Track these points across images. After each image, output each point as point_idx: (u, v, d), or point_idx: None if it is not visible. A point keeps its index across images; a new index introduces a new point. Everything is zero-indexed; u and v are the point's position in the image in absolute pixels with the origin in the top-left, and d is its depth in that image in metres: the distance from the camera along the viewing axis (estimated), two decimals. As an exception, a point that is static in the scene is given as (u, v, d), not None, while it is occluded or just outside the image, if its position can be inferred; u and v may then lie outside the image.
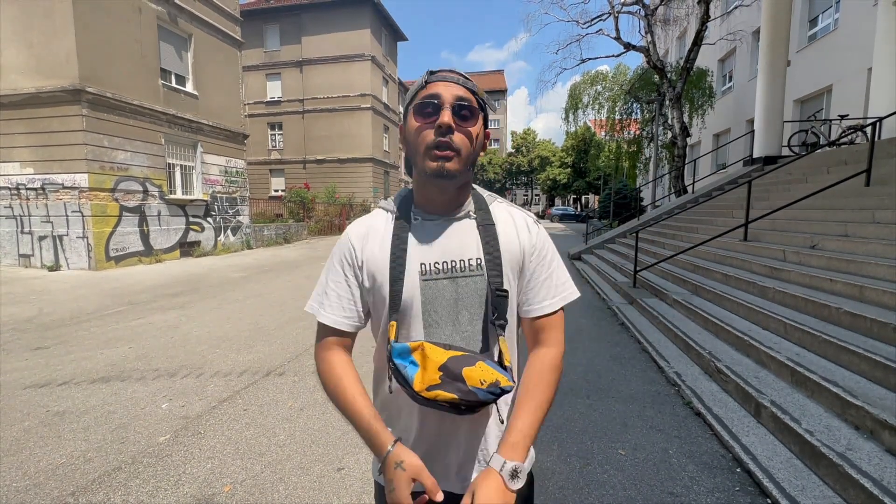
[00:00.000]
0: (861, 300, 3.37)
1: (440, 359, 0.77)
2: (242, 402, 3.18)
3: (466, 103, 0.80)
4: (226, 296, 6.94)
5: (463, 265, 0.85)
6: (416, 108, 0.81)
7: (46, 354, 4.18)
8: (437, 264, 0.84)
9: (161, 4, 11.23)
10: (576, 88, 20.73)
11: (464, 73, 0.84)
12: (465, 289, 0.84)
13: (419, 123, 0.81)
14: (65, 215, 9.56)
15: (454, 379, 0.75)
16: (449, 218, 0.87)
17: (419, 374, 0.76)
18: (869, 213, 4.72)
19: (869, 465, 1.98)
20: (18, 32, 9.30)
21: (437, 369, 0.76)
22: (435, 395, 0.74)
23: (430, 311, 0.84)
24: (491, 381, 0.75)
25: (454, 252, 0.85)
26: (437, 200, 0.86)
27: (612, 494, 2.17)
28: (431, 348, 0.78)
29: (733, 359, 3.43)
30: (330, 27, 25.02)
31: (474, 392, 0.74)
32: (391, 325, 0.82)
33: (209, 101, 12.90)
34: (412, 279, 0.83)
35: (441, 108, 0.79)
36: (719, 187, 10.66)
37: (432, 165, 0.79)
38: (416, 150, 0.81)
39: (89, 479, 2.27)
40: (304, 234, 18.46)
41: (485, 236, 0.86)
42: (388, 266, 0.84)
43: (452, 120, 0.78)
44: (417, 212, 0.88)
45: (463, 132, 0.80)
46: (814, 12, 12.31)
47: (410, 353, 0.79)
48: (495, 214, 0.90)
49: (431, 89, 0.80)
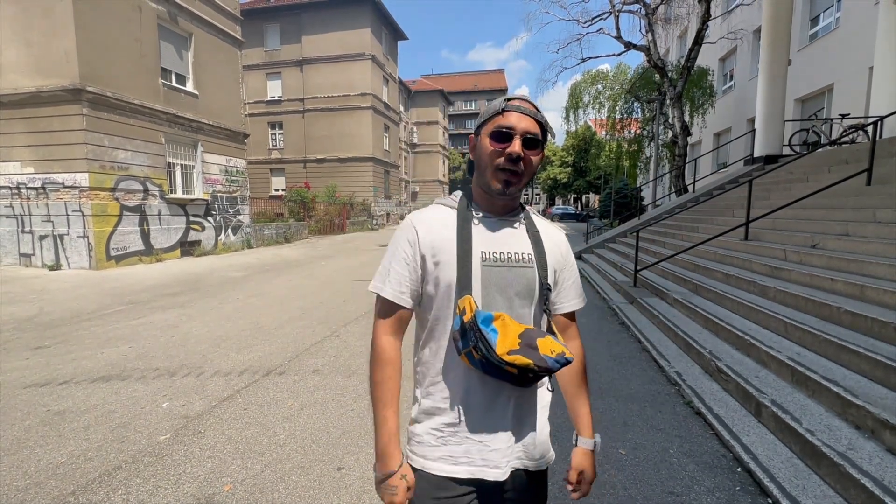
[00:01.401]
0: (862, 299, 3.37)
1: (518, 329, 0.87)
2: (242, 402, 3.18)
3: (535, 136, 0.92)
4: (226, 295, 6.94)
5: (517, 257, 0.96)
6: (492, 134, 0.93)
7: (47, 354, 4.19)
8: (495, 253, 0.95)
9: (161, 3, 11.22)
10: (576, 87, 20.71)
11: (535, 104, 0.95)
12: (518, 277, 0.95)
13: (493, 147, 0.92)
14: (65, 215, 9.57)
15: (530, 346, 0.84)
16: (504, 218, 1.00)
17: (500, 339, 0.84)
18: (870, 213, 4.71)
19: (870, 465, 1.98)
20: (18, 32, 9.30)
21: (517, 336, 0.85)
22: (514, 359, 0.82)
23: (488, 293, 0.93)
24: (559, 352, 0.85)
25: (510, 245, 0.97)
26: (496, 205, 0.99)
27: (613, 494, 2.17)
28: (510, 319, 0.88)
29: (734, 358, 3.43)
30: (330, 26, 25.02)
31: (545, 359, 0.83)
32: (466, 298, 0.89)
33: (209, 101, 12.90)
34: (475, 264, 0.93)
35: (513, 138, 0.90)
36: (720, 186, 10.65)
37: (499, 186, 0.93)
38: (487, 166, 0.94)
39: (90, 478, 2.27)
40: (304, 233, 18.46)
41: (533, 238, 1.00)
42: (454, 249, 0.94)
43: (522, 150, 0.90)
44: (477, 208, 1.00)
45: (528, 160, 0.92)
46: (815, 11, 12.28)
47: (493, 322, 0.86)
48: (538, 224, 1.04)
49: (508, 118, 0.91)
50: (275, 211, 19.17)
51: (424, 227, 0.97)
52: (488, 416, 0.94)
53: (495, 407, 0.94)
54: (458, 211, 1.00)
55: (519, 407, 0.96)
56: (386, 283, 0.97)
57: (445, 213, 1.00)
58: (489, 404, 0.94)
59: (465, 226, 0.96)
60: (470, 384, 0.93)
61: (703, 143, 19.32)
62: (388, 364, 0.96)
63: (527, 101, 0.94)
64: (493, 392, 0.93)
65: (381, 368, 0.96)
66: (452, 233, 0.96)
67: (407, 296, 0.97)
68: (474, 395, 0.94)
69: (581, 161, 41.11)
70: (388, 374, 0.95)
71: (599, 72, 20.78)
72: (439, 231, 0.96)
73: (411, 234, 0.97)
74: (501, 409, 0.94)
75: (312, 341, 4.62)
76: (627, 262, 8.18)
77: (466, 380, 0.93)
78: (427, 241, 0.96)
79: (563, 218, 38.49)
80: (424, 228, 0.97)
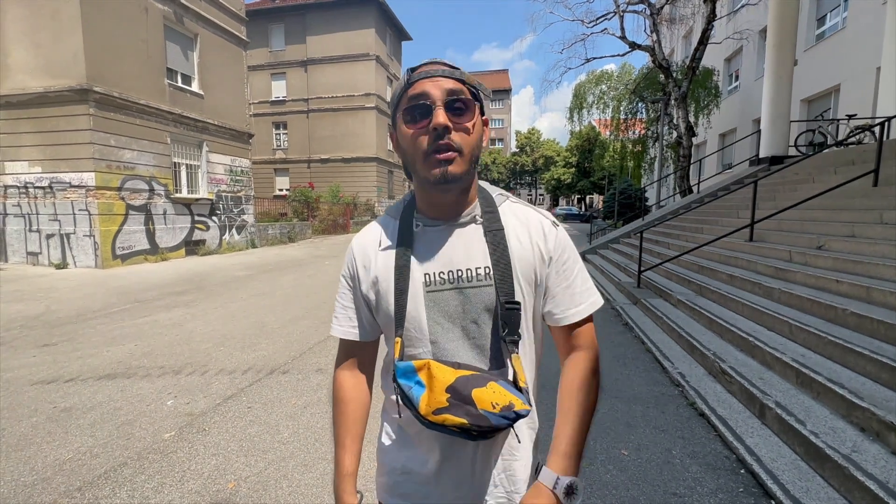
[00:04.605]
0: (867, 301, 3.34)
1: (448, 379, 0.70)
2: (247, 400, 3.20)
3: (459, 97, 0.72)
4: (230, 294, 6.98)
5: (469, 275, 0.77)
6: (404, 114, 0.74)
7: (53, 351, 4.23)
8: (441, 275, 0.78)
9: (167, 4, 11.30)
10: (581, 88, 20.69)
11: (447, 62, 0.76)
12: (472, 300, 0.77)
13: (412, 130, 0.73)
14: (72, 214, 9.66)
15: (463, 401, 0.68)
16: (452, 224, 0.80)
17: (425, 395, 0.70)
18: (876, 214, 4.67)
19: (875, 468, 1.97)
20: (27, 33, 9.40)
21: (445, 390, 0.69)
22: (443, 419, 0.68)
23: (436, 325, 0.78)
24: (504, 405, 0.68)
25: (460, 261, 0.78)
26: (440, 205, 0.79)
27: (615, 495, 2.16)
28: (438, 367, 0.72)
29: (738, 360, 3.41)
30: (334, 27, 25.09)
31: (486, 416, 0.67)
32: (396, 341, 0.78)
33: (215, 101, 12.97)
34: (416, 291, 0.77)
35: (433, 108, 0.71)
36: (725, 187, 10.59)
37: (435, 173, 0.71)
38: (414, 157, 0.74)
39: (95, 474, 2.29)
40: (308, 233, 18.53)
41: (493, 243, 0.78)
42: (392, 278, 0.79)
43: (447, 118, 0.70)
44: (419, 218, 0.82)
45: (461, 129, 0.72)
46: (821, 11, 12.20)
47: (416, 373, 0.73)
48: (505, 218, 0.81)
49: (417, 88, 0.72)
50: (279, 211, 19.26)
51: (360, 252, 0.85)
52: (452, 462, 0.80)
53: (461, 452, 0.79)
54: (399, 224, 0.83)
55: (488, 453, 0.80)
56: (336, 322, 0.88)
57: (387, 229, 0.84)
58: (451, 449, 0.79)
59: (402, 245, 0.80)
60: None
61: (708, 144, 19.23)
62: (342, 402, 0.88)
63: (438, 63, 0.75)
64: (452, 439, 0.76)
65: (335, 407, 0.89)
66: (391, 256, 0.80)
67: (357, 329, 0.86)
68: (434, 439, 0.79)
69: (585, 161, 40.99)
70: (341, 412, 0.87)
71: (604, 72, 20.75)
72: (375, 255, 0.82)
73: (350, 262, 0.86)
74: (468, 455, 0.79)
75: (316, 340, 4.64)
76: (631, 262, 8.15)
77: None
78: (364, 268, 0.83)
79: (566, 218, 38.39)
80: (360, 254, 0.84)
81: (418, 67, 0.75)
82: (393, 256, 0.80)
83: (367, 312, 0.86)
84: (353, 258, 0.86)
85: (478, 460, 0.80)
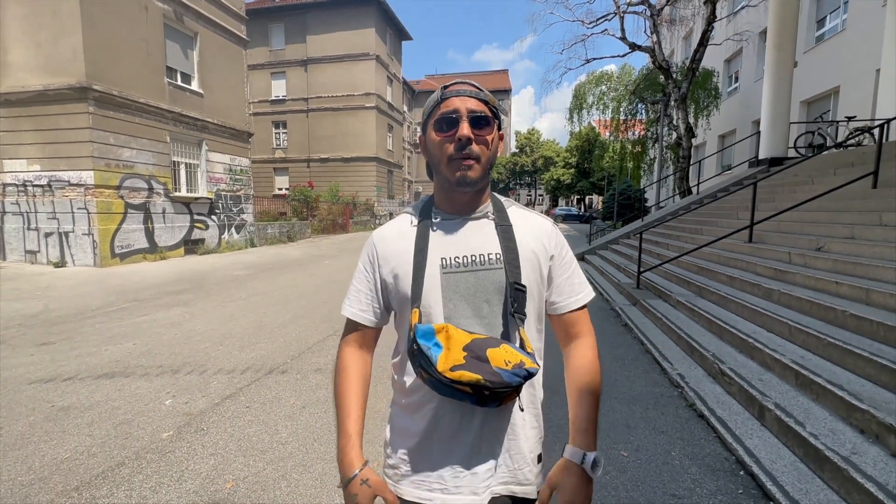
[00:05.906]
0: (867, 303, 3.34)
1: (464, 339, 0.79)
2: (245, 400, 3.19)
3: (481, 114, 0.86)
4: (229, 293, 6.97)
5: (483, 259, 0.88)
6: (435, 124, 0.88)
7: (52, 350, 4.22)
8: (457, 258, 0.88)
9: (167, 3, 11.28)
10: (581, 88, 20.67)
11: (476, 83, 0.89)
12: (484, 281, 0.88)
13: (440, 137, 0.87)
14: (71, 212, 9.63)
15: (478, 359, 0.75)
16: (467, 217, 0.93)
17: (443, 354, 0.77)
18: (876, 216, 4.67)
19: (874, 469, 1.96)
20: (27, 31, 9.38)
21: (462, 349, 0.77)
22: (459, 375, 0.74)
23: (450, 301, 0.87)
24: (515, 362, 0.76)
25: (474, 247, 0.89)
26: (457, 202, 0.92)
27: (615, 496, 2.16)
28: (456, 330, 0.81)
29: (737, 361, 3.41)
30: (335, 26, 25.09)
31: (499, 373, 0.74)
32: (414, 311, 0.85)
33: (214, 100, 12.95)
34: (433, 272, 0.87)
35: (459, 122, 0.84)
36: (724, 188, 10.60)
37: (456, 175, 0.86)
38: (440, 160, 0.88)
39: (93, 473, 2.29)
40: (307, 232, 18.51)
41: (503, 234, 0.90)
42: (411, 261, 0.88)
43: (470, 131, 0.84)
44: (438, 212, 0.94)
45: (481, 141, 0.86)
46: (821, 13, 12.21)
47: (435, 335, 0.80)
48: (513, 218, 0.94)
49: (449, 105, 0.86)
50: (278, 210, 19.22)
51: (383, 241, 0.95)
52: (458, 439, 0.87)
53: (467, 429, 0.86)
54: (418, 217, 0.95)
55: (492, 429, 0.87)
56: (348, 303, 0.97)
57: (407, 222, 0.96)
58: (458, 426, 0.87)
59: (423, 232, 0.91)
60: (437, 405, 0.87)
61: (708, 145, 19.25)
62: (345, 370, 0.94)
63: (467, 84, 0.88)
64: (462, 413, 0.85)
65: (338, 375, 0.95)
66: (411, 243, 0.91)
67: (369, 314, 0.95)
68: (442, 416, 0.87)
69: (585, 162, 40.95)
70: (345, 379, 0.93)
71: (604, 73, 20.72)
72: (397, 243, 0.93)
73: (371, 250, 0.95)
74: (473, 431, 0.86)
75: (315, 340, 4.63)
76: (630, 263, 8.15)
77: (433, 400, 0.86)
78: (385, 256, 0.93)
79: (566, 219, 38.40)
80: (383, 243, 0.94)
81: (451, 86, 0.89)
82: (413, 242, 0.91)
83: (379, 298, 0.95)
84: (373, 245, 0.96)
85: (483, 439, 0.87)
